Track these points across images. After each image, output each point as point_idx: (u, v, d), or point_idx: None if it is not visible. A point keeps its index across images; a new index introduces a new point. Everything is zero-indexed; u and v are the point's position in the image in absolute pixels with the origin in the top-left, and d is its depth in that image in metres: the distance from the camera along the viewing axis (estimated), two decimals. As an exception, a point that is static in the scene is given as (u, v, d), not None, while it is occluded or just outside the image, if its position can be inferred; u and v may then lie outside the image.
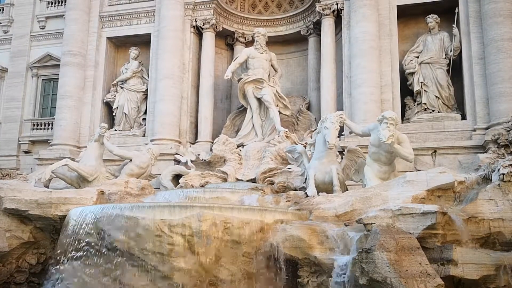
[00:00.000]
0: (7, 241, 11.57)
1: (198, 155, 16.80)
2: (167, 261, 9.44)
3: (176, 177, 16.05)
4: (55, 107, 18.96)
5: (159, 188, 15.26)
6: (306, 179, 13.02)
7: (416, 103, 16.24)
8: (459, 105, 16.03)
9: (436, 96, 15.85)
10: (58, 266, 10.44)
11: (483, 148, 14.39)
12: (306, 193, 12.24)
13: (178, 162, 16.68)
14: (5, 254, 11.55)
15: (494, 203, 9.37)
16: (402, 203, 9.31)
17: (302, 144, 15.11)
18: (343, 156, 13.56)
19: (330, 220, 10.35)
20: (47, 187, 13.78)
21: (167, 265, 9.43)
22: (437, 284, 7.67)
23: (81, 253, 10.04)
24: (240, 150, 16.79)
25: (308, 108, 18.50)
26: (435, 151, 14.91)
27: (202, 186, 15.14)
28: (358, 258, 8.19)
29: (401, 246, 8.01)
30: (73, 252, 10.17)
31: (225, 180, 15.89)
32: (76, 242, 10.18)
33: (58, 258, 10.50)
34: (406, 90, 16.47)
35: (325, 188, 12.23)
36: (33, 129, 20.01)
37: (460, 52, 15.94)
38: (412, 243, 8.13)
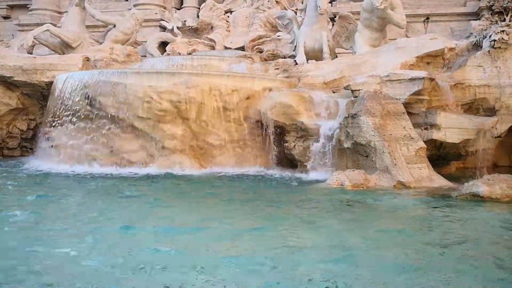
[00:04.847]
0: (-5, 108, 11.63)
1: (185, 21, 16.22)
2: (157, 127, 9.59)
3: (163, 45, 15.67)
4: (30, -33, 17.79)
5: (145, 56, 14.98)
6: (295, 46, 12.79)
7: (411, -34, 15.47)
8: (457, -31, 15.33)
9: (434, -42, 15.08)
10: (48, 132, 10.58)
11: (476, 15, 14.05)
12: (295, 60, 12.10)
13: (164, 28, 16.19)
14: (-5, 120, 11.68)
15: (482, 69, 9.36)
16: (391, 70, 9.30)
17: (292, 10, 14.59)
18: (334, 23, 13.20)
19: (319, 87, 10.39)
20: (31, 53, 13.41)
21: (157, 130, 9.59)
22: (419, 147, 7.96)
23: (70, 118, 10.08)
24: (228, 17, 16.22)
25: (300, -29, 17.55)
26: (427, 18, 14.56)
27: (190, 54, 14.86)
28: (344, 123, 8.37)
29: (386, 111, 8.15)
30: (62, 118, 10.21)
31: (213, 48, 15.56)
32: (64, 108, 10.17)
33: (47, 124, 10.60)
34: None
35: (314, 55, 12.07)
36: (9, -7, 18.98)
37: None
38: (398, 108, 8.27)
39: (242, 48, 15.10)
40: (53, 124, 10.41)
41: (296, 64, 11.86)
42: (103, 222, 5.32)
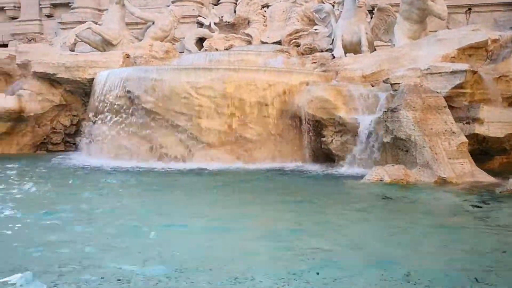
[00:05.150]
0: (40, 104, 12.04)
1: (222, 17, 16.33)
2: (195, 122, 9.70)
3: (200, 41, 15.83)
4: (72, -33, 18.28)
5: (183, 52, 15.16)
6: (333, 40, 12.67)
7: (454, -46, 15.03)
8: (501, -43, 14.81)
9: None
10: (90, 127, 10.88)
11: (521, 4, 13.60)
12: (332, 54, 11.99)
13: (201, 25, 16.34)
14: (40, 116, 12.08)
15: (528, 61, 9.06)
16: (431, 62, 9.09)
17: (330, 3, 14.46)
18: (373, 15, 13.00)
19: (357, 81, 10.27)
20: (73, 51, 13.78)
21: (195, 125, 9.70)
22: (461, 142, 7.76)
23: (111, 115, 10.34)
24: (265, 11, 16.22)
25: (337, -37, 17.30)
26: (469, 9, 14.17)
27: (227, 49, 14.96)
28: (383, 117, 8.24)
29: (427, 105, 7.97)
30: (103, 114, 10.48)
31: (249, 42, 15.60)
32: (106, 104, 10.43)
33: (90, 119, 10.91)
34: None
35: (352, 49, 11.93)
36: (53, -8, 19.56)
37: None
38: (439, 102, 8.07)
39: (279, 43, 15.07)
40: (95, 120, 10.70)
41: (334, 57, 11.76)
42: (133, 218, 5.32)
